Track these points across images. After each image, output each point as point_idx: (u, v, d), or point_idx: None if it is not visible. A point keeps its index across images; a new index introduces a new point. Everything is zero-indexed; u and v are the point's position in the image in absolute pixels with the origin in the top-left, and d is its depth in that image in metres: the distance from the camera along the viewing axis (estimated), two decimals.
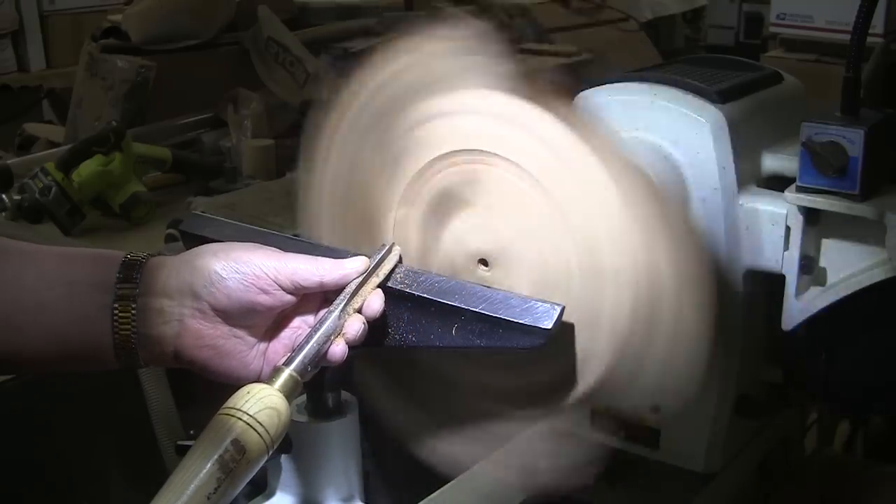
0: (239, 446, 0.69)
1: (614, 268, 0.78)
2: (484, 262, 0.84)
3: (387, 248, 0.82)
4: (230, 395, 0.72)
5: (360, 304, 0.78)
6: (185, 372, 0.79)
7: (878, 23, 2.29)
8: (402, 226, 0.87)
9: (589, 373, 0.80)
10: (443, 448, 0.87)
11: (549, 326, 0.74)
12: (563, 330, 0.77)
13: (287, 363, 0.74)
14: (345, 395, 0.88)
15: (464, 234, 0.84)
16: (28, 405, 1.53)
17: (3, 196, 1.97)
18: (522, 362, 0.83)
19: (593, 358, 0.80)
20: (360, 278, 0.78)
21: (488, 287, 0.79)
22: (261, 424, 0.70)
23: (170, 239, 1.68)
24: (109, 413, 1.62)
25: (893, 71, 2.28)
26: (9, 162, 2.14)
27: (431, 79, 0.82)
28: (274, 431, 0.71)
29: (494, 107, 0.80)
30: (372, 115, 0.85)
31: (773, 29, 2.67)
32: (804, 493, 1.15)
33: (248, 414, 0.70)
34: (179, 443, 0.88)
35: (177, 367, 0.79)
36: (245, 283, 0.76)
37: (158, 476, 0.69)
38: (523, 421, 0.86)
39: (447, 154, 0.83)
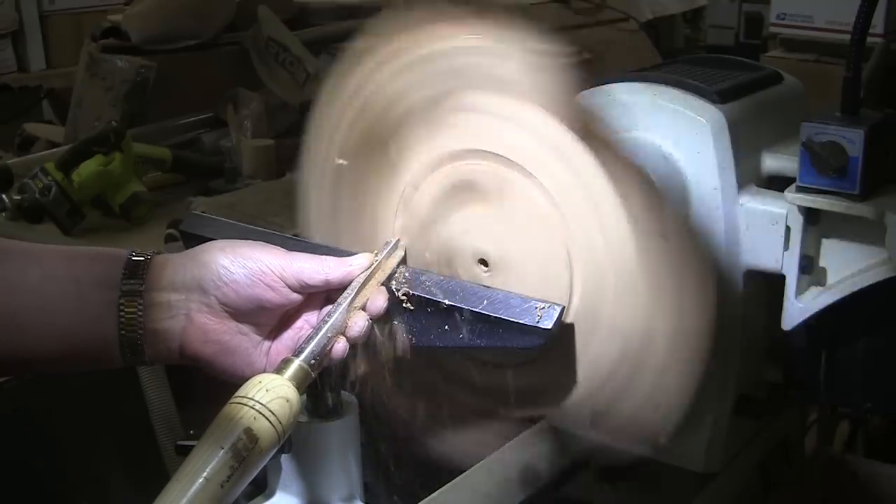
0: (252, 435, 0.69)
1: (611, 321, 0.78)
2: (484, 262, 0.84)
3: (392, 244, 0.82)
4: (230, 395, 0.71)
5: (364, 301, 0.78)
6: (186, 372, 0.79)
7: (878, 23, 2.29)
8: (415, 184, 0.85)
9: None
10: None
11: (549, 326, 0.74)
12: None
13: (296, 354, 0.74)
14: (345, 395, 0.88)
15: (475, 228, 0.84)
16: (28, 405, 1.52)
17: (3, 196, 1.97)
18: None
19: None
20: (366, 273, 0.78)
21: (488, 287, 0.79)
22: (273, 414, 0.70)
23: (170, 239, 1.68)
24: (109, 413, 1.62)
25: (893, 71, 2.28)
26: (9, 162, 2.14)
27: (504, 77, 0.80)
28: (286, 421, 0.71)
29: (550, 135, 0.79)
30: (433, 74, 0.82)
31: (773, 29, 2.67)
32: (804, 493, 1.15)
33: (260, 403, 0.70)
34: (179, 443, 0.88)
35: (182, 363, 0.78)
36: (252, 278, 0.76)
37: (158, 476, 0.69)
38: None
39: (491, 153, 0.82)
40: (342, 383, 0.85)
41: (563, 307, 0.76)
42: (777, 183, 0.96)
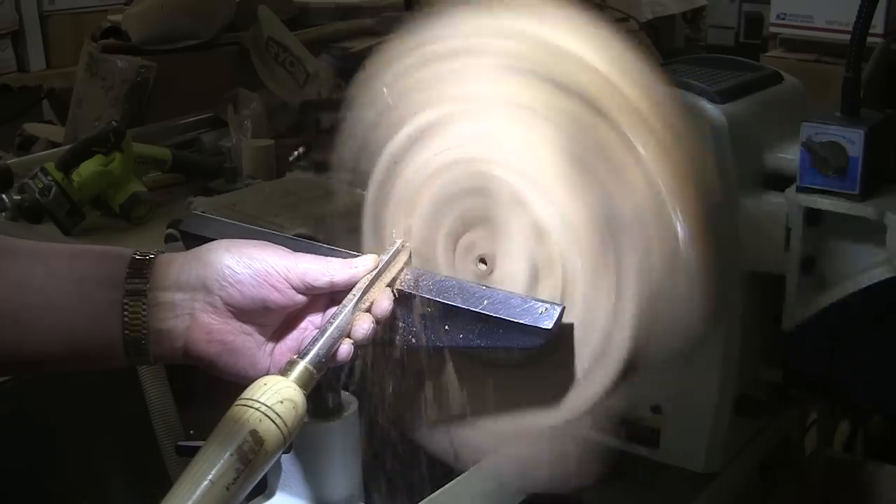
0: (257, 437, 0.68)
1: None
2: (483, 261, 0.83)
3: (396, 246, 0.82)
4: (230, 396, 0.71)
5: (369, 303, 0.78)
6: (186, 371, 0.79)
7: (878, 23, 2.29)
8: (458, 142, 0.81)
9: None
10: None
11: (550, 326, 0.74)
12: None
13: (302, 356, 0.74)
14: (345, 395, 0.88)
15: (492, 228, 0.80)
16: (28, 405, 1.53)
17: (3, 196, 1.97)
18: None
19: None
20: (371, 275, 0.78)
21: (489, 287, 0.78)
22: (279, 416, 0.70)
23: (170, 239, 1.68)
24: (109, 413, 1.62)
25: (893, 71, 2.28)
26: (9, 162, 2.15)
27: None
28: (291, 424, 0.70)
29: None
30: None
31: (773, 29, 2.67)
32: (804, 493, 1.15)
33: (265, 405, 0.70)
34: (179, 443, 0.88)
35: (185, 363, 0.78)
36: (257, 279, 0.75)
37: (158, 476, 0.69)
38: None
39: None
40: (343, 383, 0.85)
41: (564, 307, 0.75)
42: (777, 183, 0.96)
